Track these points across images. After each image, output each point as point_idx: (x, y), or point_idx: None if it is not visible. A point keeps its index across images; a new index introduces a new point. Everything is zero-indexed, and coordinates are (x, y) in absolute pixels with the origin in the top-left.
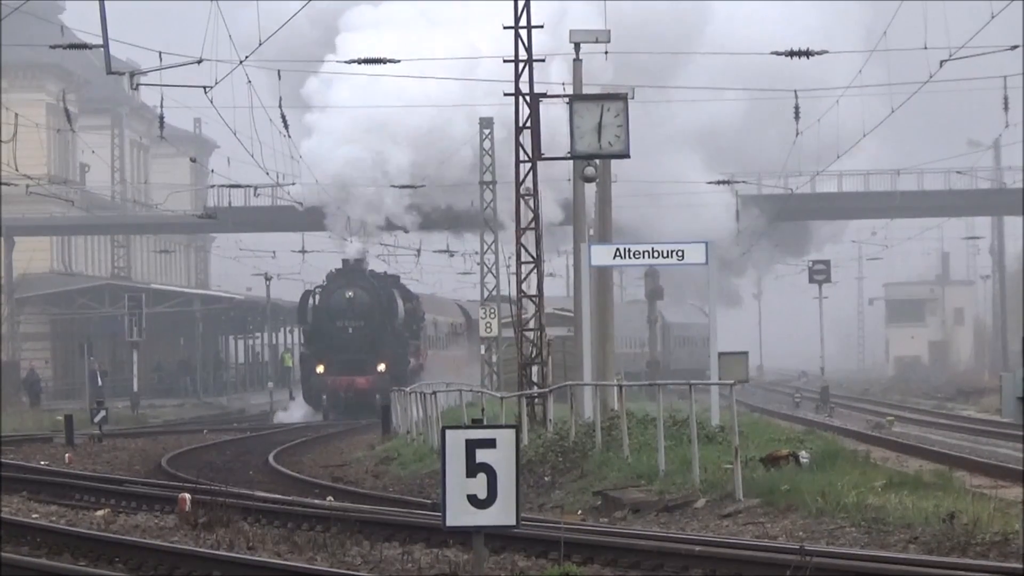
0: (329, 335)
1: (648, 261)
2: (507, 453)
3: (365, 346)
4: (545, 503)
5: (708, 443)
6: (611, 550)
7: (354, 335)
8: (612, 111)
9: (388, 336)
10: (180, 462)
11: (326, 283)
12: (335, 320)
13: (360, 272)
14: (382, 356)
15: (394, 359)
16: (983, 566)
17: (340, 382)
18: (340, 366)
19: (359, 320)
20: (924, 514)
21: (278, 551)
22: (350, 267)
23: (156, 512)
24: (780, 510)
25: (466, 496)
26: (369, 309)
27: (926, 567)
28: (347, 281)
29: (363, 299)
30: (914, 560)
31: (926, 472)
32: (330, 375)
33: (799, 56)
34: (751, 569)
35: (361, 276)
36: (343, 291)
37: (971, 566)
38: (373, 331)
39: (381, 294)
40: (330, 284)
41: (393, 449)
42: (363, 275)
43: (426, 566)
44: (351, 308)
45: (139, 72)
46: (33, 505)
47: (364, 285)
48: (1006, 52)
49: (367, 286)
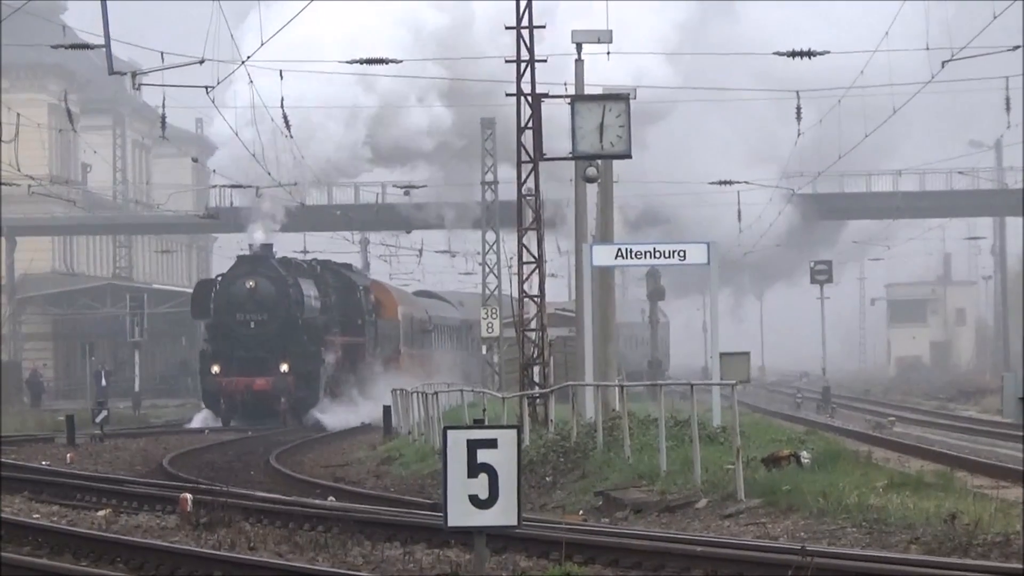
0: (229, 330)
1: (650, 261)
2: (509, 453)
3: (267, 343)
4: (547, 503)
5: (709, 443)
6: (612, 550)
7: (256, 330)
8: (614, 111)
9: (296, 332)
10: (181, 462)
11: (227, 271)
12: (235, 313)
13: (265, 260)
14: (287, 354)
15: (301, 358)
16: (984, 567)
17: (237, 384)
18: (239, 365)
19: (261, 313)
20: (925, 515)
21: (279, 551)
22: (255, 253)
23: (157, 512)
24: (781, 510)
25: (467, 496)
26: (274, 301)
27: (927, 568)
28: (250, 269)
29: (267, 290)
30: (915, 561)
31: (927, 473)
32: (226, 376)
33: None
34: (752, 569)
35: (266, 264)
36: (244, 280)
37: (972, 567)
38: (278, 326)
39: (290, 285)
40: (231, 272)
41: (395, 449)
42: (268, 263)
43: (427, 566)
44: (252, 300)
45: (141, 72)
46: (35, 505)
47: (269, 274)
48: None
49: (273, 275)
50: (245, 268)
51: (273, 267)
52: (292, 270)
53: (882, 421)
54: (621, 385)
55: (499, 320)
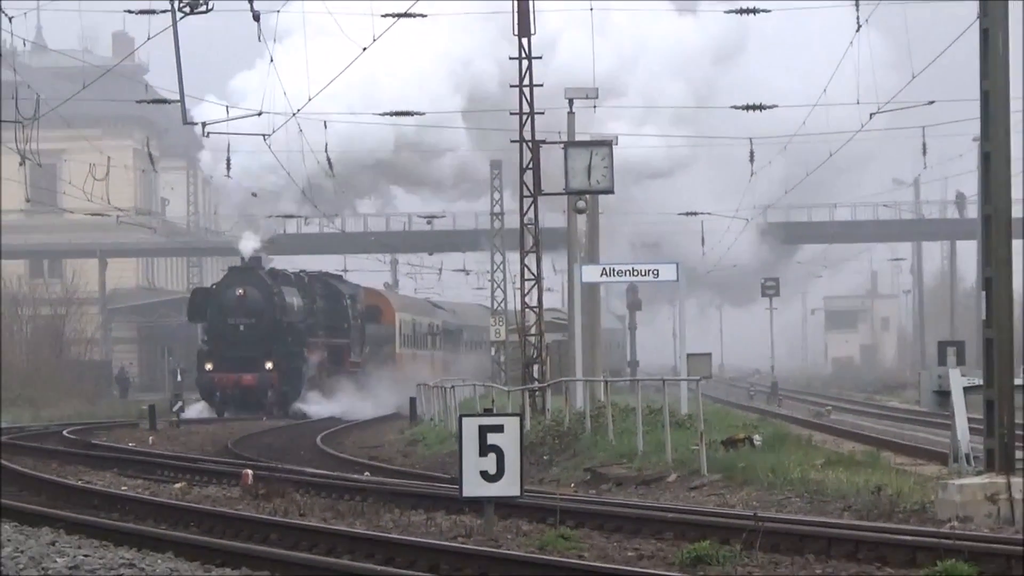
0: (221, 332)
1: (629, 278)
2: (513, 437)
3: (254, 344)
4: (544, 478)
5: (678, 428)
6: (598, 516)
7: (245, 332)
8: (599, 155)
9: (280, 334)
10: (244, 444)
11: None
12: (226, 317)
13: (253, 271)
14: (271, 353)
15: (285, 357)
16: (904, 529)
17: (227, 379)
18: (230, 363)
19: (250, 317)
20: (856, 487)
21: (324, 517)
22: (244, 265)
23: (224, 485)
24: (738, 484)
25: (479, 472)
26: (260, 307)
27: (858, 530)
28: (240, 278)
29: (254, 296)
30: (848, 524)
31: (858, 452)
32: (218, 372)
33: (754, 110)
34: (713, 532)
35: (253, 274)
36: (234, 288)
37: (895, 530)
38: (264, 329)
39: (275, 293)
40: (224, 281)
41: (419, 433)
42: (255, 273)
43: (446, 529)
44: (241, 305)
45: (210, 123)
46: (123, 479)
47: (257, 283)
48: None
49: (260, 284)
50: (236, 278)
51: (260, 277)
52: (278, 279)
53: (821, 410)
54: (606, 380)
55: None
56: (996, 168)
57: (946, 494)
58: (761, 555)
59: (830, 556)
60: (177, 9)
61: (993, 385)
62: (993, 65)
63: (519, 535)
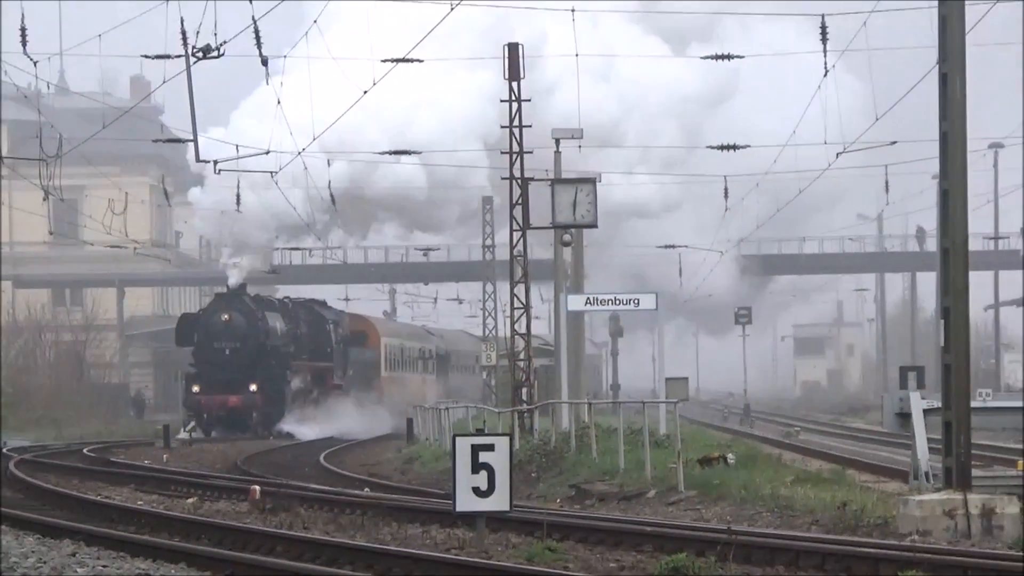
0: (208, 355)
1: (612, 307)
2: (503, 455)
3: (239, 367)
4: (532, 493)
5: (657, 447)
6: (582, 530)
7: (231, 356)
8: (584, 191)
9: (264, 357)
10: (252, 462)
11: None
12: (212, 341)
13: (238, 297)
14: (256, 376)
15: (269, 379)
16: (868, 542)
17: (214, 400)
18: (216, 385)
19: (235, 341)
20: (823, 503)
21: (327, 530)
22: (230, 292)
23: (233, 500)
24: (712, 499)
25: (471, 488)
26: (244, 332)
27: (824, 543)
28: (226, 304)
29: (239, 322)
30: (815, 538)
31: (825, 470)
32: (204, 394)
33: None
34: (690, 545)
35: (239, 301)
36: (220, 314)
37: (859, 543)
38: (248, 352)
39: (259, 318)
40: (210, 307)
41: (416, 452)
42: (241, 300)
43: (441, 541)
44: (227, 330)
45: (221, 160)
46: (139, 494)
47: (241, 309)
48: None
49: (245, 310)
50: (221, 304)
51: (245, 303)
52: (262, 305)
53: (790, 431)
54: (589, 403)
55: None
56: (954, 204)
57: (907, 509)
58: (734, 566)
59: (799, 567)
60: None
61: (951, 407)
62: (951, 108)
63: (508, 547)
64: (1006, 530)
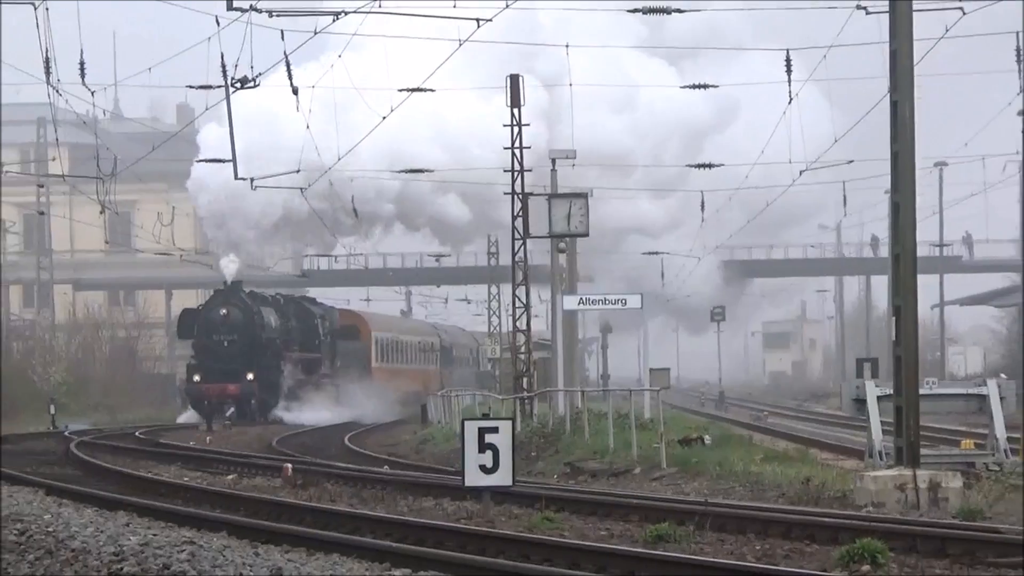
0: (207, 347)
1: (602, 307)
2: (506, 437)
3: (237, 357)
4: (531, 470)
5: (642, 430)
6: (576, 502)
7: (229, 347)
8: (577, 205)
9: (259, 349)
10: (285, 443)
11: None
12: (212, 334)
13: (235, 292)
14: (252, 366)
15: (264, 369)
16: (829, 513)
17: (213, 389)
18: (215, 375)
19: (233, 334)
20: (789, 478)
21: (351, 503)
22: (228, 288)
23: (268, 476)
24: (691, 475)
25: (478, 466)
26: (242, 325)
27: (790, 514)
28: (224, 300)
29: (236, 316)
30: (782, 509)
31: (790, 450)
32: (205, 383)
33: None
34: (671, 515)
35: (236, 296)
36: (219, 309)
37: (821, 513)
38: (245, 344)
39: (255, 312)
40: (209, 303)
41: (430, 434)
42: (237, 295)
43: (451, 513)
44: (225, 324)
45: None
46: (184, 472)
47: (238, 304)
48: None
49: (241, 305)
50: (220, 299)
51: (242, 298)
52: (257, 301)
53: (760, 415)
54: (582, 390)
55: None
56: (903, 215)
57: (863, 484)
58: (710, 534)
59: (767, 535)
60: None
61: (902, 394)
62: (901, 131)
63: (511, 518)
64: (951, 502)
